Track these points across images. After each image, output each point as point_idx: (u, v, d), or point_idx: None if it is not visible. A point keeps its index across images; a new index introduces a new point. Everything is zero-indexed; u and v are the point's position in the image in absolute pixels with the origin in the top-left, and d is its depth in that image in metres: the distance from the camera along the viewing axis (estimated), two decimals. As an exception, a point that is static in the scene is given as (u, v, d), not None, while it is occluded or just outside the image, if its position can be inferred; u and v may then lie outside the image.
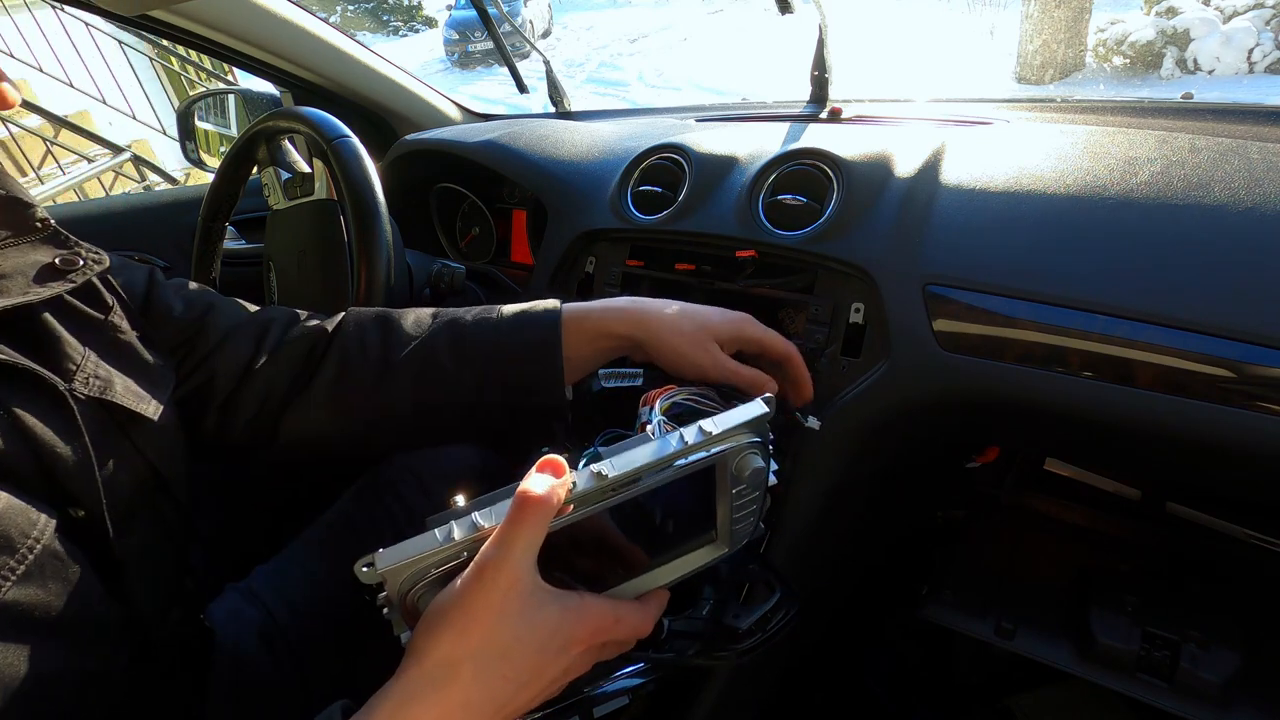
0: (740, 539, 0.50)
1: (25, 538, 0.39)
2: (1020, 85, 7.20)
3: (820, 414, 0.69)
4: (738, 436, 0.46)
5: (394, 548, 0.38)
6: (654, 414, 0.54)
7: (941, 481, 1.03)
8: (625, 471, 0.41)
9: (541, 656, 0.38)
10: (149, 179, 4.44)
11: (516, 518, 0.37)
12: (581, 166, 0.98)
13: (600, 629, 0.41)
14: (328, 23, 1.26)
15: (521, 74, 1.38)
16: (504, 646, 0.37)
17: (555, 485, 0.38)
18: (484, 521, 0.39)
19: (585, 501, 0.41)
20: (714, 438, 0.44)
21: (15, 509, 0.39)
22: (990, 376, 0.63)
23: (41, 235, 0.50)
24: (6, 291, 0.45)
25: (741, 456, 0.46)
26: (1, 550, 0.38)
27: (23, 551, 0.39)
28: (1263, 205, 0.56)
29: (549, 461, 0.39)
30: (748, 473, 0.46)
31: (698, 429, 0.44)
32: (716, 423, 0.45)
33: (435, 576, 0.39)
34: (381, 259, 0.74)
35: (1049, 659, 0.87)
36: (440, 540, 0.38)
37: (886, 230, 0.70)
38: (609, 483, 0.41)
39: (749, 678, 0.79)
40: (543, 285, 0.94)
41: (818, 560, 0.77)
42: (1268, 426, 0.52)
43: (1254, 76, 6.22)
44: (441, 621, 0.37)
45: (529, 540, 0.37)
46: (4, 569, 0.38)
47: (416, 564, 0.38)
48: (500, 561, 0.37)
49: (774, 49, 7.59)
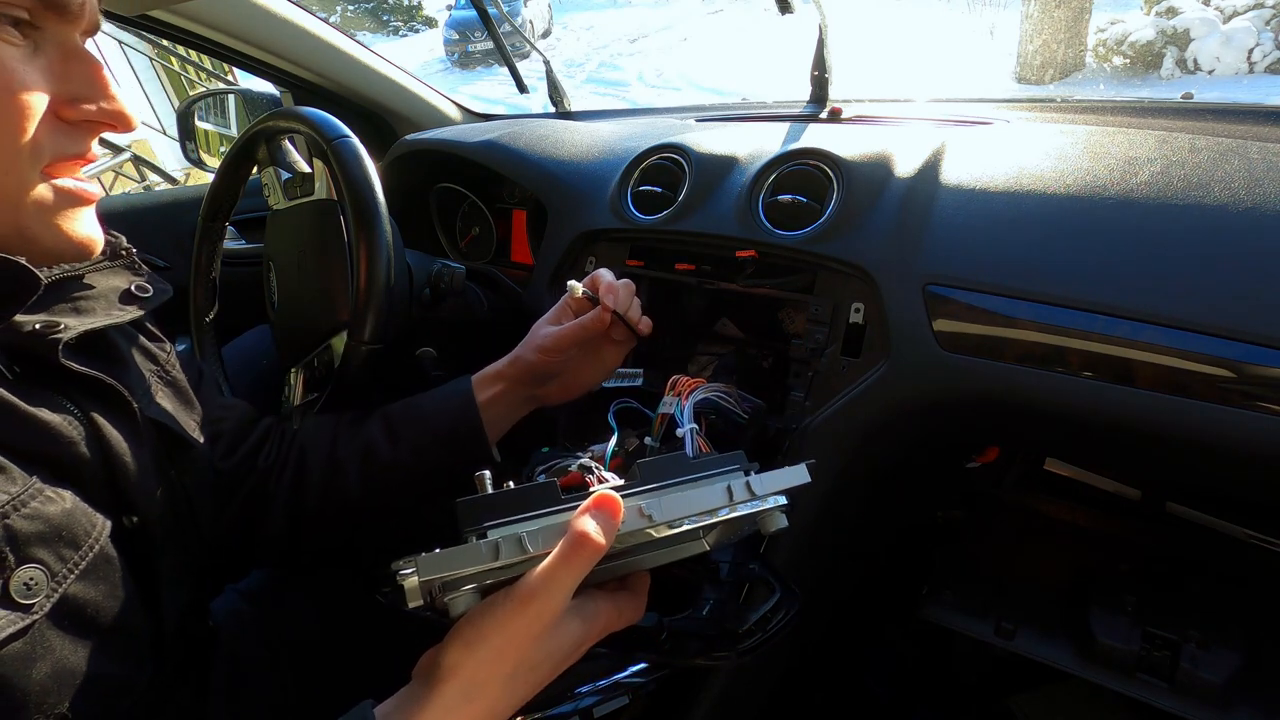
0: (721, 546, 0.51)
1: (87, 536, 0.42)
2: (1020, 85, 7.20)
3: (820, 414, 0.69)
4: (774, 497, 0.47)
5: (437, 555, 0.38)
6: (685, 418, 0.55)
7: (941, 481, 1.03)
8: (670, 518, 0.42)
9: (562, 663, 0.42)
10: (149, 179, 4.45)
11: (569, 557, 0.38)
12: (581, 166, 0.98)
13: (608, 626, 0.44)
14: (328, 23, 1.26)
15: (521, 74, 1.38)
16: (534, 663, 0.40)
17: (609, 529, 0.39)
18: (531, 547, 0.39)
19: (626, 540, 0.42)
20: (755, 497, 0.45)
21: (81, 510, 0.43)
22: (990, 376, 0.63)
23: (124, 261, 0.54)
24: (92, 311, 0.49)
25: (770, 516, 0.48)
26: (67, 545, 0.41)
27: (84, 550, 0.42)
28: (1263, 205, 0.56)
29: (607, 501, 0.40)
30: (772, 529, 0.48)
31: (745, 486, 0.45)
32: (761, 484, 0.46)
33: (473, 587, 0.40)
34: (381, 259, 0.74)
35: (1049, 659, 0.87)
36: (485, 555, 0.38)
37: (886, 230, 0.70)
38: (653, 524, 0.42)
39: (749, 677, 0.79)
40: (543, 285, 0.94)
41: (818, 560, 0.77)
42: (1268, 426, 0.52)
43: (1254, 76, 6.22)
44: (481, 643, 0.39)
45: (576, 578, 0.39)
46: (69, 562, 0.41)
47: (459, 573, 0.38)
48: (548, 598, 0.38)
49: (774, 49, 7.59)
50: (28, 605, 0.38)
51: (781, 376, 0.76)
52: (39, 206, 0.41)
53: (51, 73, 0.41)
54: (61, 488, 0.42)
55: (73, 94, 0.42)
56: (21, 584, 0.38)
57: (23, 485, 0.40)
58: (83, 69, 0.42)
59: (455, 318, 0.96)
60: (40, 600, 0.39)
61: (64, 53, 0.42)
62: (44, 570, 0.40)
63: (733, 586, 0.63)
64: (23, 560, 0.39)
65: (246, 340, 1.17)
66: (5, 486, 0.39)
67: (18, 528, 0.39)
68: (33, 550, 0.39)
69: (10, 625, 0.37)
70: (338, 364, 0.78)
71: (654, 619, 0.57)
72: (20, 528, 0.39)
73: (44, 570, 0.40)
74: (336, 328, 0.81)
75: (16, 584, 0.38)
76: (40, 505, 0.40)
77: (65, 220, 0.43)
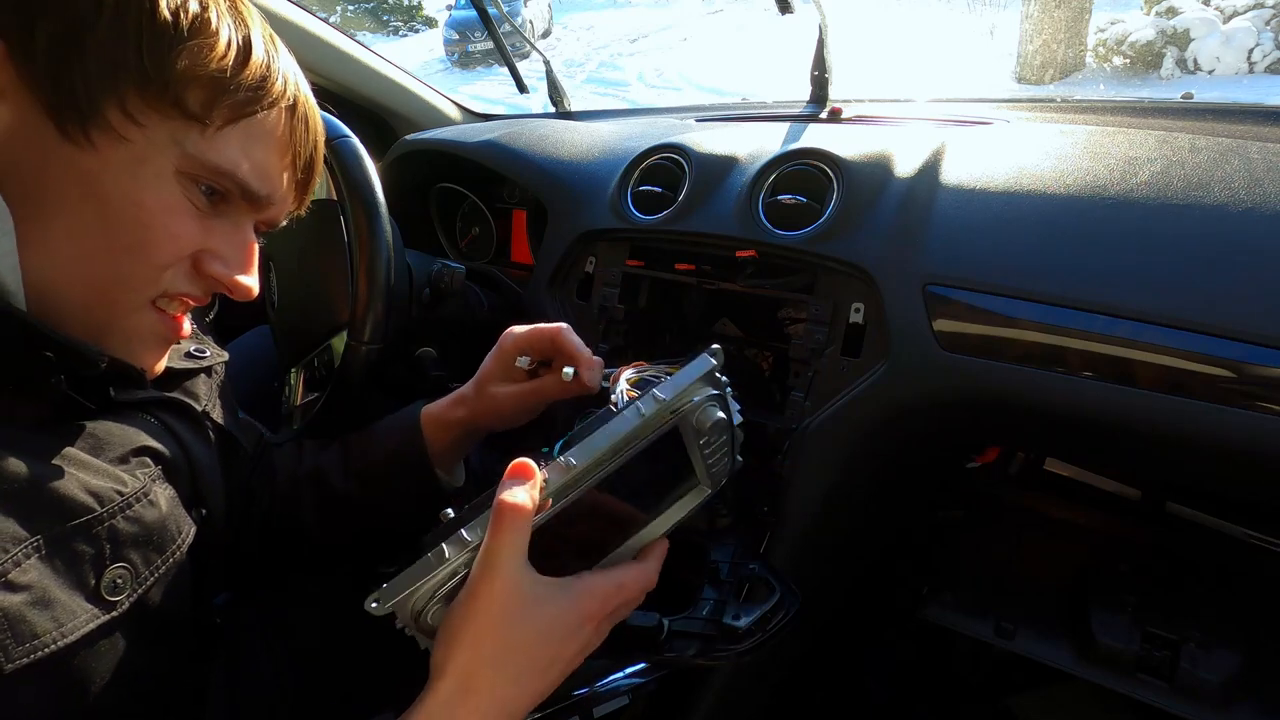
0: (720, 478, 0.52)
1: (171, 543, 0.46)
2: (1020, 85, 7.20)
3: (820, 414, 0.70)
4: (691, 395, 0.47)
5: (394, 581, 0.41)
6: (618, 388, 0.54)
7: (941, 481, 1.03)
8: (591, 458, 0.44)
9: (555, 643, 0.42)
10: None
11: (497, 528, 0.40)
12: (581, 166, 0.98)
13: (606, 600, 0.44)
14: (328, 23, 1.26)
15: (521, 74, 1.38)
16: (518, 646, 0.40)
17: (529, 489, 0.41)
18: (470, 537, 0.41)
19: (562, 493, 0.43)
20: (668, 402, 0.46)
21: (172, 517, 0.47)
22: (990, 376, 0.63)
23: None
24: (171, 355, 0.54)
25: (700, 412, 0.48)
26: (154, 550, 0.44)
27: (168, 555, 0.46)
28: (1263, 205, 0.56)
29: (518, 466, 0.42)
30: (709, 425, 0.48)
31: (651, 398, 0.46)
32: (667, 388, 0.46)
33: (442, 595, 0.42)
34: (381, 259, 0.74)
35: (1049, 659, 0.87)
36: (435, 564, 0.41)
37: (886, 230, 0.70)
38: (579, 471, 0.43)
39: (749, 677, 0.79)
40: (543, 285, 0.94)
41: (818, 560, 0.77)
42: (1268, 426, 0.52)
43: (1254, 76, 6.23)
44: (455, 637, 0.40)
45: (514, 547, 0.40)
46: (152, 565, 0.44)
47: (418, 590, 0.41)
48: (493, 574, 0.39)
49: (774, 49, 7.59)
50: (113, 603, 0.41)
51: (781, 377, 0.76)
52: (134, 323, 0.46)
53: (213, 232, 0.46)
54: (163, 487, 0.47)
55: (218, 255, 0.46)
56: (111, 582, 0.41)
57: (133, 488, 0.43)
58: (239, 241, 0.48)
59: (455, 318, 0.96)
60: (122, 599, 0.41)
61: (233, 224, 0.47)
62: (129, 571, 0.42)
63: (732, 586, 0.63)
64: (115, 560, 0.41)
65: (246, 340, 1.17)
66: (119, 487, 0.42)
67: (120, 529, 0.42)
68: (125, 551, 0.42)
69: (93, 620, 0.39)
70: (338, 364, 0.78)
71: (654, 619, 0.57)
72: (122, 529, 0.42)
73: (129, 571, 0.42)
74: (336, 328, 0.81)
75: (107, 581, 0.40)
76: (141, 510, 0.43)
77: (145, 345, 0.48)
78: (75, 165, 0.40)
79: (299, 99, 0.48)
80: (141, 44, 0.40)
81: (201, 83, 0.42)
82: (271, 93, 0.45)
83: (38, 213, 0.40)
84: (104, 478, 0.42)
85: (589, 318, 0.88)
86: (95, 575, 0.40)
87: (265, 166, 0.46)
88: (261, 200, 0.47)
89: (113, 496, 0.41)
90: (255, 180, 0.46)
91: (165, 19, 0.40)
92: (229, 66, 0.42)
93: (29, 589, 0.36)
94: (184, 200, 0.43)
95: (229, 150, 0.44)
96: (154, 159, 0.41)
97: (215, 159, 0.43)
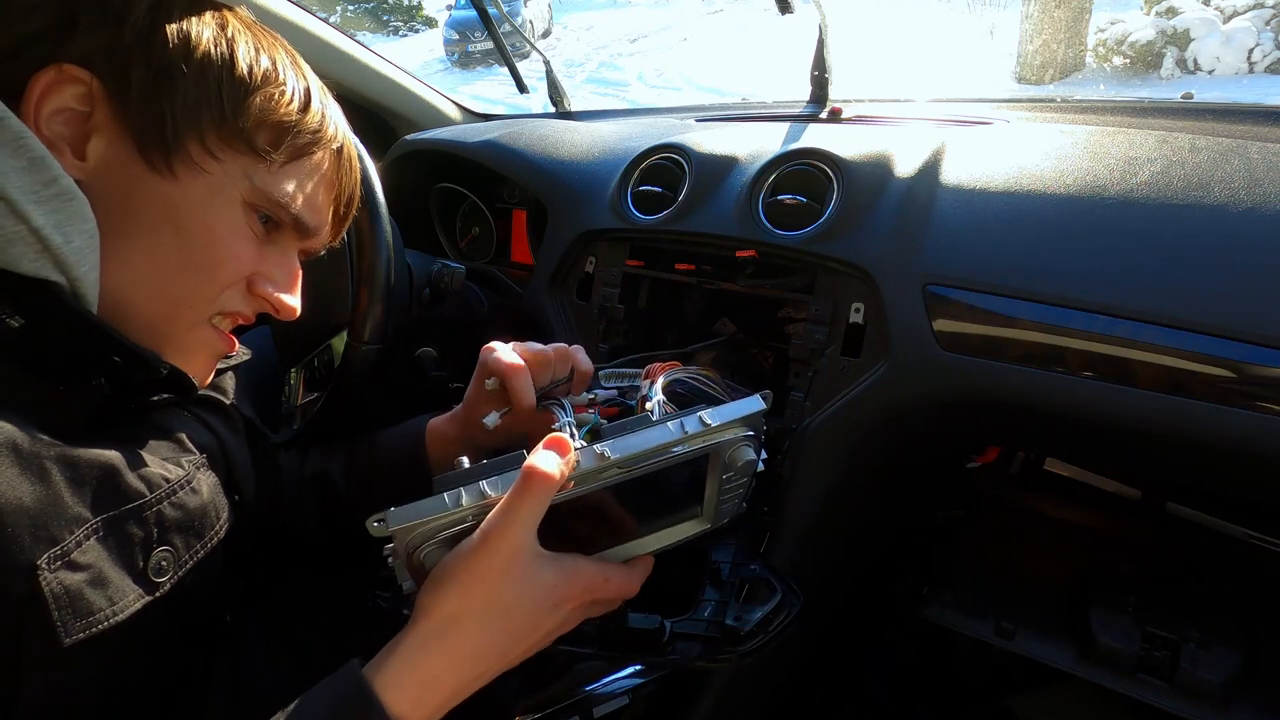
0: (723, 517, 0.52)
1: (210, 529, 0.50)
2: (1020, 85, 7.20)
3: (820, 414, 0.69)
4: (734, 429, 0.48)
5: (405, 507, 0.41)
6: (654, 392, 0.55)
7: (941, 481, 1.03)
8: (626, 455, 0.44)
9: (538, 612, 0.43)
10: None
11: (522, 490, 0.41)
12: (581, 166, 0.98)
13: (590, 588, 0.46)
14: (328, 23, 1.26)
15: (521, 74, 1.38)
16: (506, 604, 0.42)
17: (561, 464, 0.42)
18: (491, 491, 0.42)
19: (586, 480, 0.44)
20: (712, 430, 0.46)
21: (212, 505, 0.51)
22: (990, 376, 0.63)
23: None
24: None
25: (735, 448, 0.48)
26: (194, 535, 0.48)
27: (206, 540, 0.49)
28: (1263, 205, 0.56)
29: (557, 440, 0.43)
30: (740, 463, 0.49)
31: (698, 419, 0.46)
32: (715, 415, 0.47)
33: (442, 538, 0.42)
34: (381, 259, 0.74)
35: (1049, 659, 0.87)
36: (449, 505, 0.41)
37: (886, 230, 0.70)
38: (610, 464, 0.44)
39: (749, 677, 0.79)
40: (543, 285, 0.94)
41: (818, 560, 0.77)
42: (1268, 426, 0.52)
43: (1254, 76, 6.22)
44: (449, 581, 0.41)
45: (533, 512, 0.41)
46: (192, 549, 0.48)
47: (426, 525, 0.41)
48: (505, 529, 0.41)
49: (774, 49, 7.59)
50: (157, 584, 0.44)
51: (781, 376, 0.76)
52: (193, 337, 0.50)
53: (265, 258, 0.51)
54: (206, 474, 0.51)
55: (269, 277, 0.51)
56: (157, 563, 0.44)
57: (178, 476, 0.48)
58: (287, 266, 0.53)
59: (455, 318, 0.96)
60: (165, 580, 0.45)
61: (282, 250, 0.53)
62: (172, 553, 0.46)
63: (733, 587, 0.63)
64: (161, 543, 0.45)
65: (247, 341, 1.16)
66: (166, 474, 0.46)
67: (166, 513, 0.46)
68: (170, 535, 0.46)
69: (140, 600, 0.42)
70: (338, 364, 0.78)
71: (655, 621, 0.57)
72: (168, 513, 0.46)
73: (172, 553, 0.46)
74: (336, 328, 0.81)
75: (154, 563, 0.44)
76: (185, 496, 0.48)
77: (198, 357, 0.52)
78: (158, 192, 0.44)
79: (345, 143, 0.54)
80: (222, 89, 0.45)
81: (270, 125, 0.47)
82: (325, 136, 0.51)
83: (120, 231, 0.44)
84: (153, 466, 0.46)
85: (589, 318, 0.88)
86: (144, 557, 0.43)
87: (315, 201, 0.52)
88: (310, 230, 0.52)
89: (161, 483, 0.45)
90: (307, 213, 0.51)
91: (243, 70, 0.46)
92: (294, 112, 0.49)
93: (88, 568, 0.39)
94: (246, 227, 0.48)
95: (288, 185, 0.49)
96: (226, 189, 0.47)
97: (276, 193, 0.49)
